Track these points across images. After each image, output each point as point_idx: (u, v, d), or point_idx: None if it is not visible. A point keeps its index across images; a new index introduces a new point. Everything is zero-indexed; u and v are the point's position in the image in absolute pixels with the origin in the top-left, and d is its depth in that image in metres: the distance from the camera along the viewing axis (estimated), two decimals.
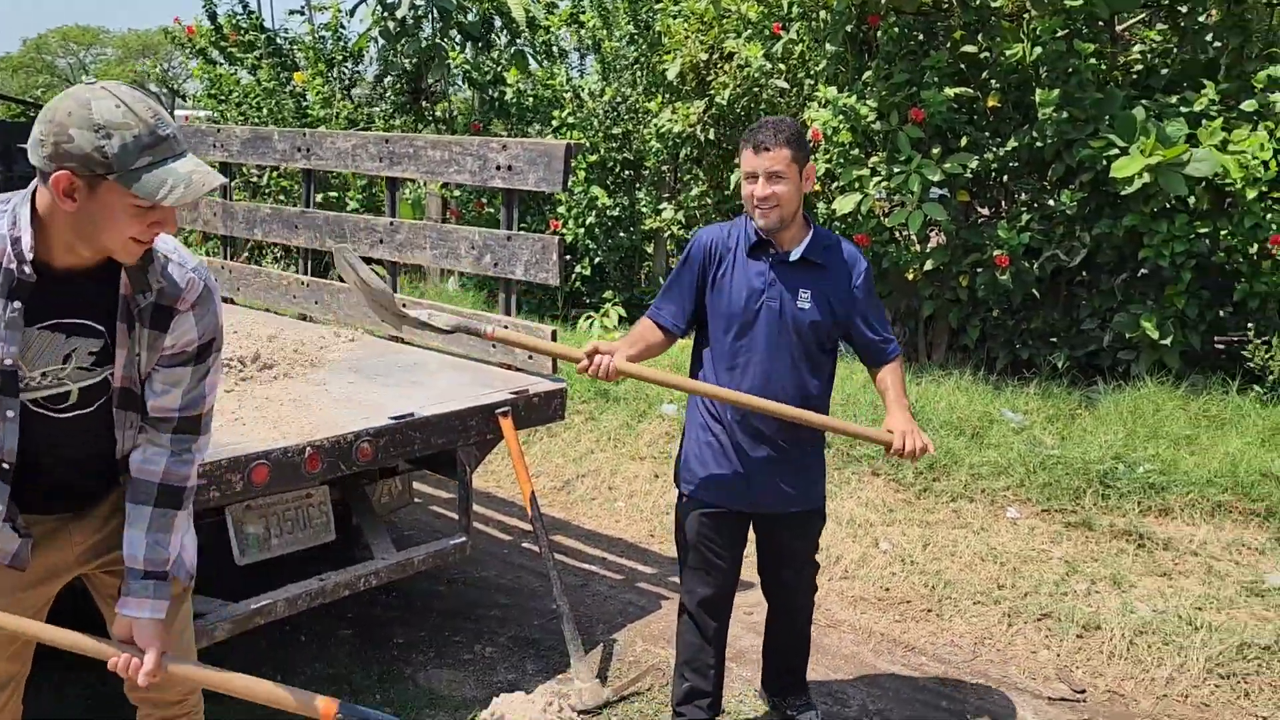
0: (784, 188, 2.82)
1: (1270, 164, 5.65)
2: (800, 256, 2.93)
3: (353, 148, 4.49)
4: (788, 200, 2.84)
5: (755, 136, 2.84)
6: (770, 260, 2.93)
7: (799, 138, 2.85)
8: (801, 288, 2.92)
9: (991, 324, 6.81)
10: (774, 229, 2.88)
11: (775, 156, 2.80)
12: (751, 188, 2.86)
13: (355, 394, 3.61)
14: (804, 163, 2.87)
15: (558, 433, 6.15)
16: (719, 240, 2.99)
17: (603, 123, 7.98)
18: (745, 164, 2.87)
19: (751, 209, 2.89)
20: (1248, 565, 4.40)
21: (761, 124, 2.88)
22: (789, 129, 2.84)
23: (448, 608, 4.21)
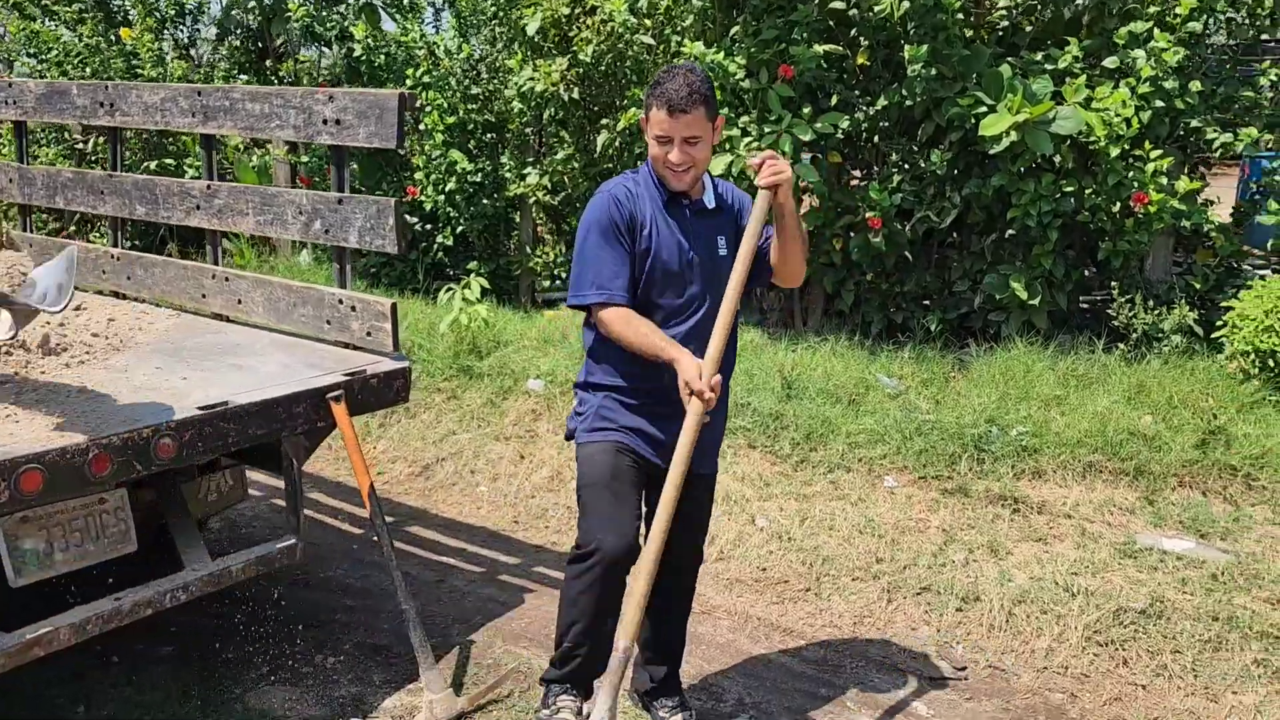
0: (700, 150, 2.68)
1: (1133, 121, 5.63)
2: (714, 204, 2.83)
3: (161, 101, 3.98)
4: (703, 162, 2.72)
5: (669, 96, 2.61)
6: (688, 211, 2.80)
7: (710, 91, 2.68)
8: (718, 234, 2.83)
9: (865, 288, 6.69)
10: (687, 189, 2.76)
11: (692, 120, 2.63)
12: (664, 150, 2.68)
13: (161, 381, 3.16)
14: (715, 118, 2.71)
15: (417, 413, 5.75)
16: (631, 200, 2.77)
17: (461, 82, 7.52)
18: (656, 125, 2.66)
19: (663, 171, 2.72)
20: (1119, 526, 4.36)
21: (669, 76, 2.64)
22: (701, 84, 2.64)
23: (285, 613, 3.81)
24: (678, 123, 2.62)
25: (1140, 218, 5.83)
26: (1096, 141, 5.67)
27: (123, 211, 4.26)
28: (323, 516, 4.70)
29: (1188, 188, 5.78)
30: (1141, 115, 5.65)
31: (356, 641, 3.62)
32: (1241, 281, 6.08)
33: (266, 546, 3.10)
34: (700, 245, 2.79)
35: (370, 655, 3.52)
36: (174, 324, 3.93)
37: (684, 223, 2.79)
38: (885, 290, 6.65)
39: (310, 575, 4.13)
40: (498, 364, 6.13)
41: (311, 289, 3.67)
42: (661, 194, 2.78)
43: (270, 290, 3.78)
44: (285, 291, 3.73)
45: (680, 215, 2.79)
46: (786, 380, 5.64)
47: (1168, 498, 4.50)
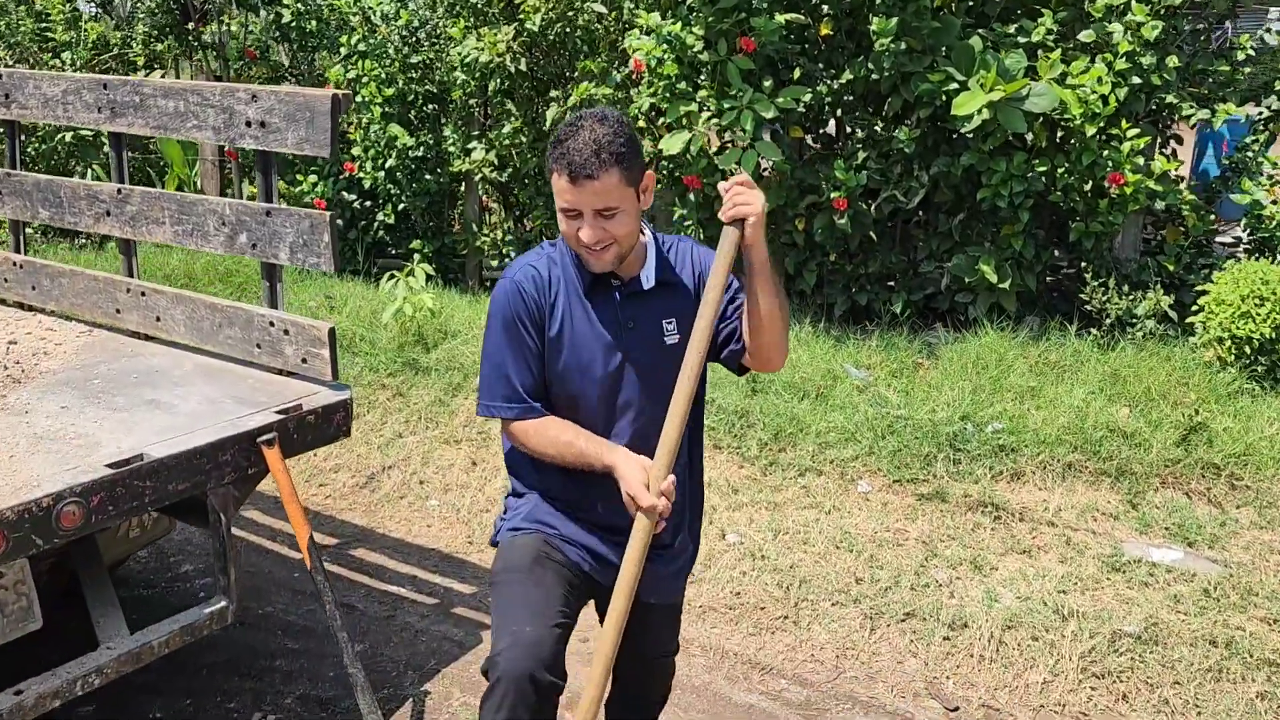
0: (619, 224, 2.13)
1: (1109, 99, 5.40)
2: (655, 282, 2.28)
3: (63, 94, 3.54)
4: (626, 233, 2.16)
5: (569, 157, 2.07)
6: (619, 295, 2.26)
7: (629, 144, 2.10)
8: (664, 317, 2.27)
9: (828, 269, 6.43)
10: (611, 269, 2.22)
11: (603, 186, 2.07)
12: (574, 227, 2.13)
13: (66, 426, 2.79)
14: (639, 176, 2.15)
15: (361, 413, 5.39)
16: (538, 286, 2.25)
17: (399, 50, 7.05)
18: (560, 195, 2.12)
19: (577, 248, 2.19)
20: (1104, 534, 4.18)
21: (572, 131, 2.09)
22: (613, 139, 2.07)
23: (221, 660, 3.48)
24: (583, 191, 2.07)
25: (1114, 198, 5.62)
26: (1072, 119, 5.43)
27: (24, 215, 3.83)
28: (260, 540, 4.36)
29: (1164, 167, 5.57)
30: (1118, 92, 5.41)
31: (299, 694, 3.31)
32: (1213, 261, 5.93)
33: (193, 613, 2.76)
34: (635, 338, 2.25)
35: (314, 711, 3.22)
36: (85, 344, 3.54)
37: (611, 310, 2.25)
38: (849, 271, 6.40)
39: (247, 612, 3.79)
40: (446, 357, 5.78)
41: (239, 309, 3.30)
42: (581, 276, 2.24)
43: (193, 308, 3.40)
44: (209, 310, 3.36)
45: (606, 301, 2.25)
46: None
47: (1151, 500, 4.34)
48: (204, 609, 2.76)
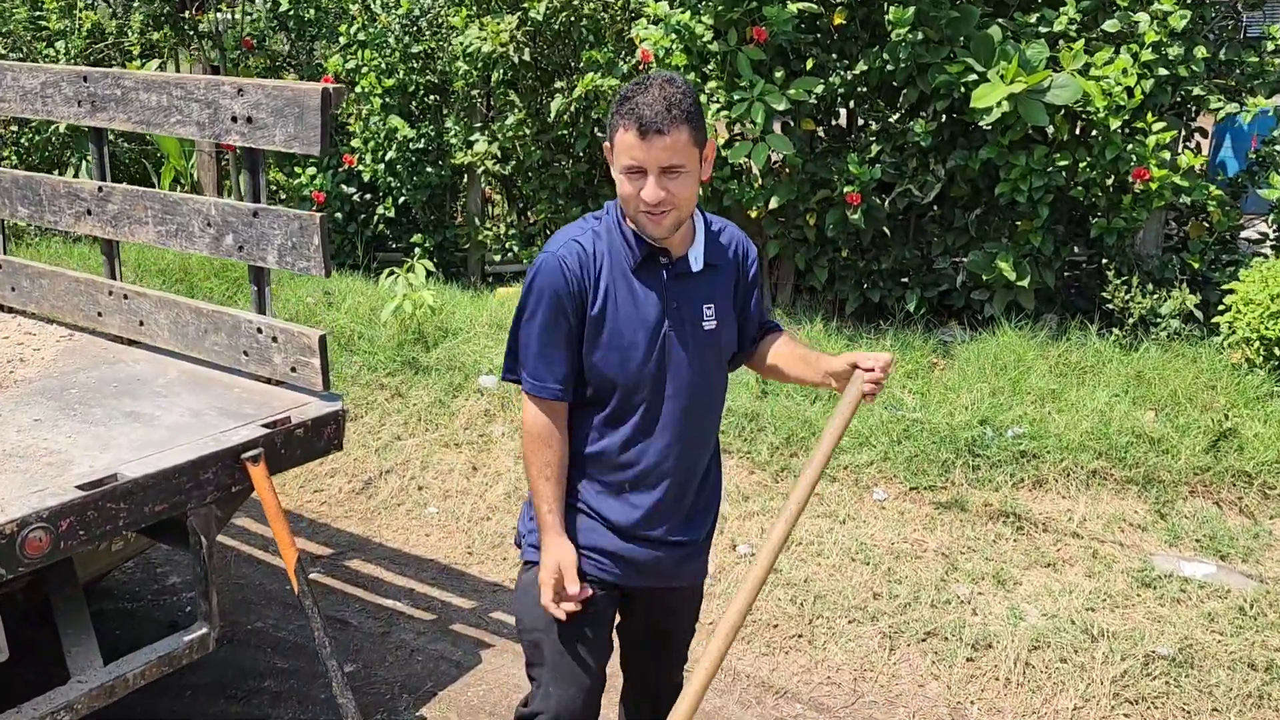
0: (683, 185, 2.00)
1: (1135, 90, 5.20)
2: (703, 264, 2.18)
3: (42, 87, 3.37)
4: (688, 199, 2.03)
5: (639, 112, 1.95)
6: (666, 275, 2.14)
7: (696, 107, 2.01)
8: (705, 302, 2.17)
9: (840, 264, 6.24)
10: (669, 236, 2.09)
11: (672, 144, 1.95)
12: (636, 186, 2.00)
13: (38, 441, 2.62)
14: (704, 143, 2.05)
15: (358, 415, 5.22)
16: (582, 262, 2.10)
17: (400, 40, 6.86)
18: (624, 151, 1.99)
19: (635, 213, 2.05)
20: (1132, 546, 4.01)
21: (641, 89, 1.98)
22: (684, 98, 1.98)
23: (207, 680, 3.33)
24: (652, 147, 1.95)
25: (1138, 194, 5.43)
26: (1095, 112, 5.23)
27: (2, 213, 3.66)
28: (251, 549, 4.20)
29: (1191, 162, 5.37)
30: (1144, 84, 5.21)
31: (290, 718, 3.14)
32: (1239, 258, 5.74)
33: (171, 642, 2.59)
34: (679, 320, 2.14)
35: None
36: (64, 349, 3.37)
37: (658, 290, 2.13)
38: (861, 268, 6.21)
39: (236, 628, 3.64)
40: (446, 356, 5.61)
41: (225, 314, 3.12)
42: (632, 252, 2.12)
43: (177, 313, 3.23)
44: (194, 315, 3.18)
45: (653, 281, 2.13)
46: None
47: (1180, 510, 4.16)
48: (183, 637, 2.60)
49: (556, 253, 2.11)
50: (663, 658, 2.48)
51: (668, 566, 2.25)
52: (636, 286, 2.12)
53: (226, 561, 4.10)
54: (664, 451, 2.17)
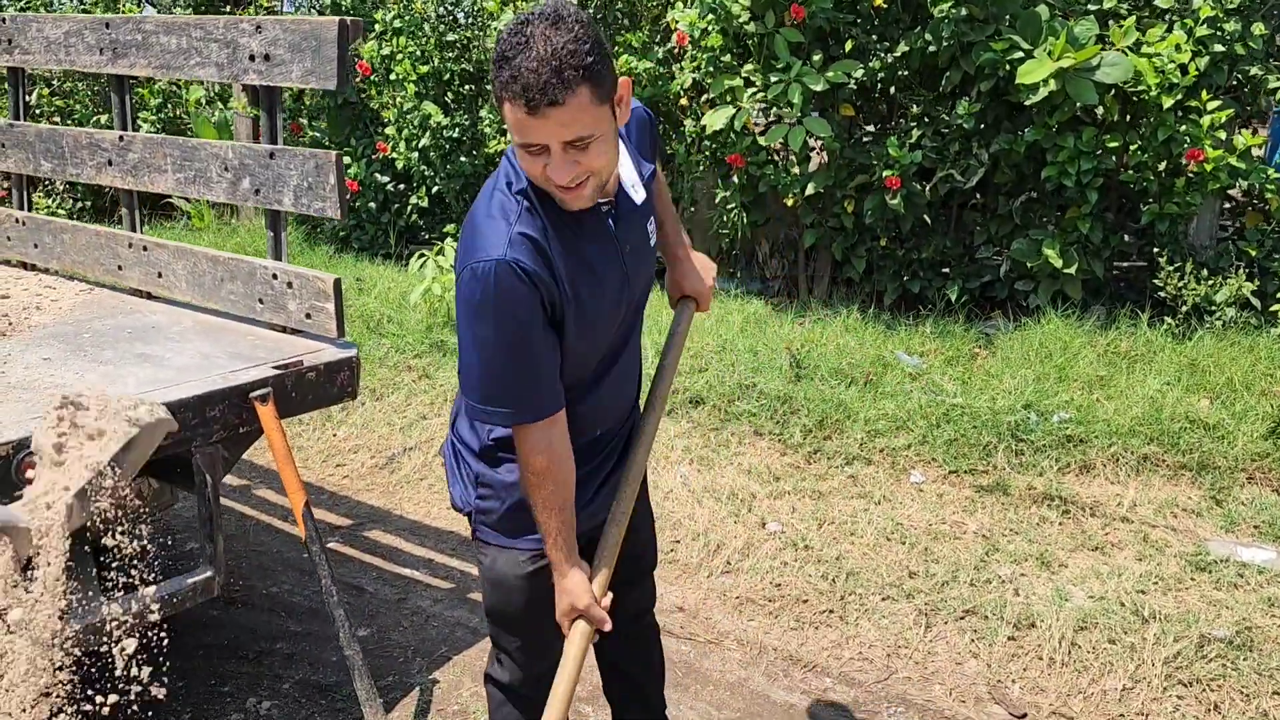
0: (597, 153, 1.66)
1: (1189, 68, 5.01)
2: (645, 184, 1.96)
3: (65, 36, 3.34)
4: (606, 162, 1.70)
5: (522, 80, 1.56)
6: (612, 223, 1.86)
7: (594, 51, 1.60)
8: (646, 220, 1.96)
9: (878, 254, 6.08)
10: (592, 203, 1.77)
11: (571, 113, 1.59)
12: (541, 164, 1.66)
13: (44, 377, 2.56)
14: (613, 90, 1.67)
15: (384, 395, 5.15)
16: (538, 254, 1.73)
17: (435, 28, 6.83)
18: (516, 129, 1.63)
19: (549, 189, 1.71)
20: (1185, 532, 3.80)
21: (519, 44, 1.57)
22: (576, 43, 1.57)
23: (218, 641, 3.23)
24: (548, 122, 1.59)
25: (1191, 177, 5.22)
26: (1147, 91, 5.04)
27: (26, 168, 3.63)
28: (270, 519, 4.12)
29: (1249, 142, 5.16)
30: (1198, 62, 5.02)
31: (298, 679, 3.04)
32: None
33: (175, 582, 2.50)
34: (635, 259, 1.90)
35: (314, 698, 2.96)
36: (81, 301, 3.32)
37: (608, 241, 1.84)
38: (900, 257, 6.04)
39: (250, 592, 3.55)
40: None
41: (241, 261, 3.05)
42: (566, 216, 1.78)
43: (194, 262, 3.17)
44: (211, 264, 3.12)
45: (599, 233, 1.83)
46: (795, 358, 5.06)
47: (1237, 496, 3.95)
48: (187, 578, 2.50)
49: (504, 258, 1.70)
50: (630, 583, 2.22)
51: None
52: (588, 250, 1.81)
53: (245, 530, 4.02)
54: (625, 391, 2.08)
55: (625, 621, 2.21)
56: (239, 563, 3.73)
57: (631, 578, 2.23)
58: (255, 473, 4.51)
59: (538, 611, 2.00)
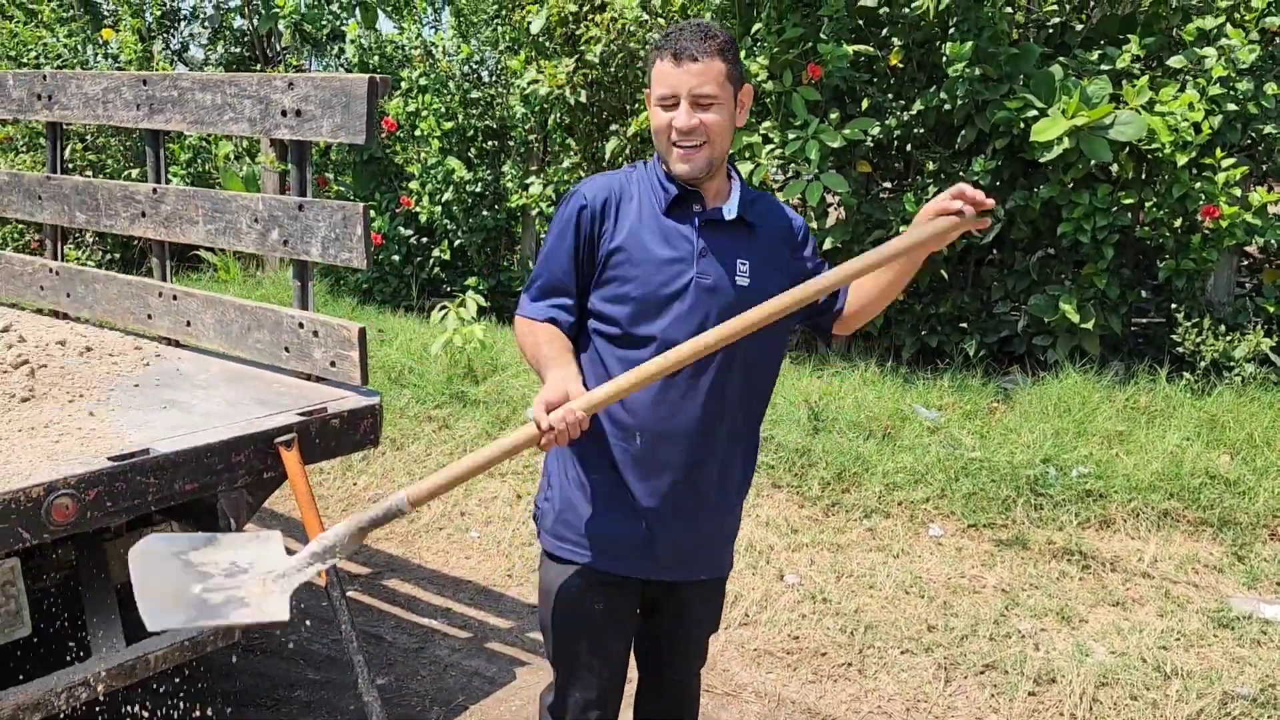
0: (716, 117, 1.97)
1: (1202, 126, 5.07)
2: (736, 215, 2.07)
3: (104, 92, 3.45)
4: (720, 135, 1.99)
5: (676, 42, 1.96)
6: (698, 220, 2.05)
7: (735, 48, 2.01)
8: (738, 256, 2.05)
9: (896, 309, 6.12)
10: (700, 176, 2.01)
11: (706, 70, 1.94)
12: (669, 116, 1.98)
13: (73, 421, 2.61)
14: (740, 84, 2.03)
15: (404, 445, 5.19)
16: (608, 195, 2.07)
17: (460, 85, 7.00)
18: (660, 81, 1.98)
19: (667, 148, 2.01)
20: (1208, 588, 3.77)
21: (683, 26, 2.00)
22: (722, 34, 1.99)
23: (236, 688, 3.24)
24: (686, 73, 1.94)
25: (1208, 233, 5.25)
26: (1161, 149, 5.10)
27: (61, 219, 3.72)
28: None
29: (1264, 199, 5.20)
30: (1212, 120, 5.08)
31: None
32: None
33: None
34: (709, 269, 2.02)
35: None
36: (111, 346, 3.38)
37: (688, 232, 2.04)
38: (918, 312, 6.08)
39: (268, 639, 3.56)
40: (494, 390, 5.57)
41: (268, 310, 3.12)
42: (662, 192, 2.05)
43: (222, 311, 3.23)
44: (238, 313, 3.18)
45: (683, 223, 2.05)
46: (813, 411, 5.08)
47: (1259, 553, 3.92)
48: None
49: (585, 182, 2.10)
50: (680, 654, 2.31)
51: (686, 550, 2.11)
52: (667, 225, 2.04)
53: None
54: (685, 413, 2.02)
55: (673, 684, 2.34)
56: None
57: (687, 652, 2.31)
58: (274, 520, 4.54)
59: (572, 630, 2.14)
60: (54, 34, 8.64)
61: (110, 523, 2.41)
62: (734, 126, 2.04)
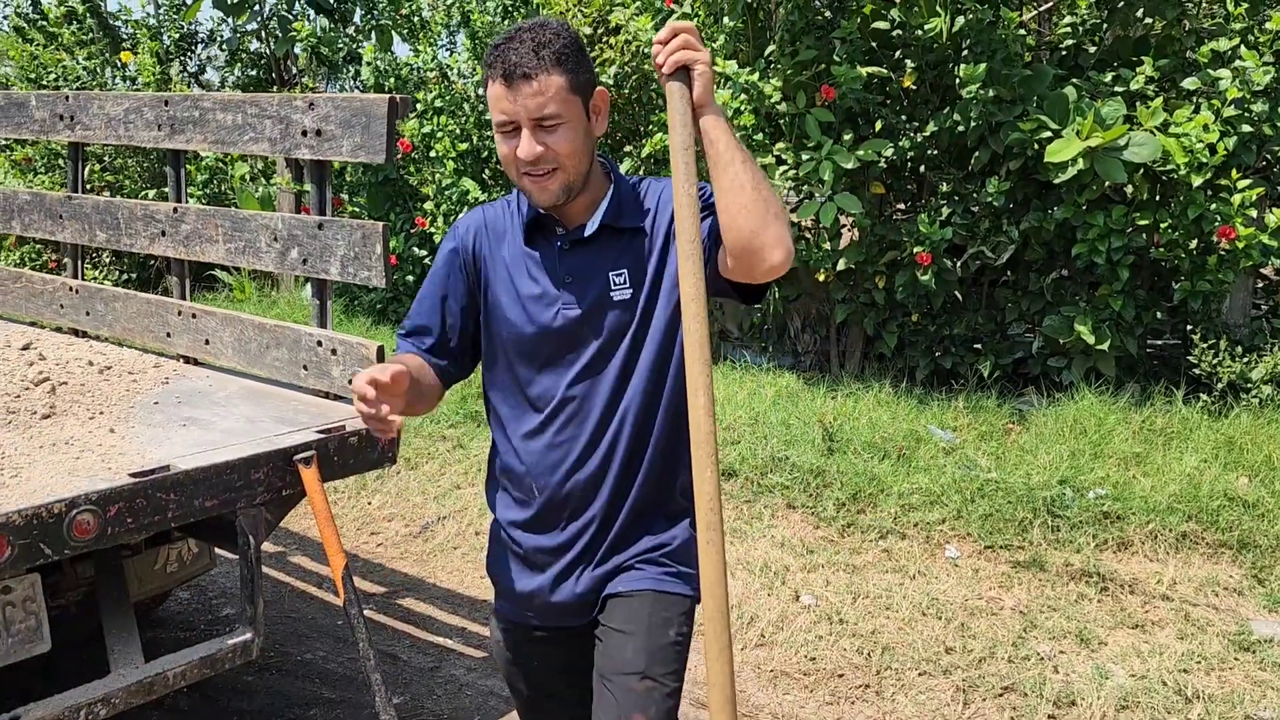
0: (564, 138, 1.74)
1: (1217, 148, 5.06)
2: (599, 226, 1.86)
3: (125, 113, 3.48)
4: (571, 155, 1.76)
5: (505, 59, 1.72)
6: (560, 245, 1.87)
7: (573, 47, 1.76)
8: (613, 270, 1.84)
9: (910, 330, 6.11)
10: (557, 203, 1.81)
11: (542, 88, 1.71)
12: (512, 145, 1.76)
13: (94, 438, 2.62)
14: (589, 90, 1.79)
15: (418, 465, 5.19)
16: (485, 227, 1.93)
17: (475, 107, 7.04)
18: (495, 106, 1.76)
19: (517, 178, 1.81)
20: (1228, 610, 3.74)
21: (511, 35, 1.75)
22: (557, 37, 1.74)
23: (252, 707, 3.24)
24: (519, 95, 1.71)
25: (1223, 255, 5.24)
26: (1175, 170, 5.09)
27: (82, 238, 3.76)
28: (306, 586, 4.14)
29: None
30: (1226, 141, 5.07)
31: None
32: None
33: (214, 644, 2.53)
34: (577, 297, 1.84)
35: None
36: (130, 365, 3.40)
37: (550, 263, 1.86)
38: (932, 333, 6.07)
39: (285, 658, 3.56)
40: None
41: (286, 328, 3.13)
42: (522, 217, 1.89)
43: (240, 329, 3.25)
44: (257, 331, 3.20)
45: (546, 253, 1.87)
46: (828, 431, 5.07)
47: (1279, 576, 3.89)
48: (226, 640, 2.53)
49: (456, 226, 1.98)
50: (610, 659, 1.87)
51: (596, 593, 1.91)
52: (528, 261, 1.88)
53: (281, 595, 4.04)
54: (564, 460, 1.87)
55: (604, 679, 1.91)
56: (273, 628, 3.74)
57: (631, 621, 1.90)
58: (290, 539, 4.55)
59: (518, 681, 2.09)
60: (73, 57, 8.73)
61: (130, 539, 2.42)
62: (591, 138, 1.81)
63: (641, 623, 1.85)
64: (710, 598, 1.64)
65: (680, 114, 1.69)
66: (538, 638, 2.00)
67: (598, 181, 1.87)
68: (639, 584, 1.89)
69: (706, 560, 1.64)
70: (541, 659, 2.03)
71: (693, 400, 1.66)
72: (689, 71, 1.68)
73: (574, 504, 1.89)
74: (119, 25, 9.31)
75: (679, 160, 1.68)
